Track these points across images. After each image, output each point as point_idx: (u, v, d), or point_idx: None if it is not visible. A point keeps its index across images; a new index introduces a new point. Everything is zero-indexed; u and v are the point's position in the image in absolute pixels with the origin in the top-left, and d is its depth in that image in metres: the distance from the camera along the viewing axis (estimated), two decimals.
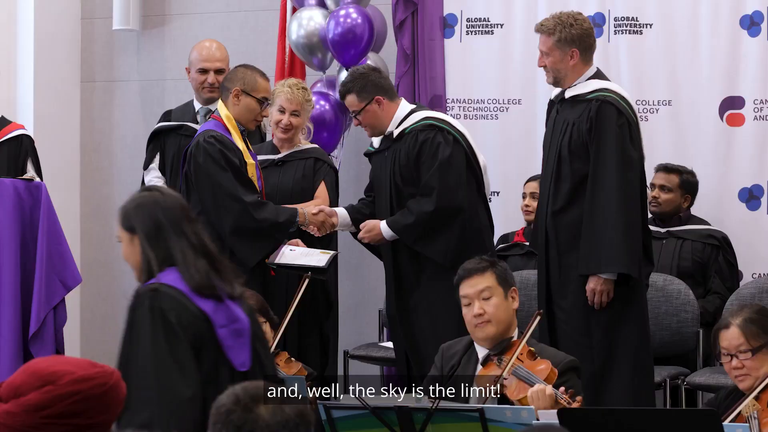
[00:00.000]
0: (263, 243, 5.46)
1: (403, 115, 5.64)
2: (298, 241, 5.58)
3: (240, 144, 5.50)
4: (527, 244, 6.31)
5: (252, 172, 5.51)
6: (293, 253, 5.48)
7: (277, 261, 5.45)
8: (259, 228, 5.44)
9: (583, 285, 5.26)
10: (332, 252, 5.56)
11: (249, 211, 5.42)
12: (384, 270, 5.79)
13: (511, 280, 4.51)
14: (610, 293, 5.23)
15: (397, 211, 5.58)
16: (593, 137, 5.25)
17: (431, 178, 5.50)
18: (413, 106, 5.73)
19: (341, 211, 5.73)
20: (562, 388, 4.07)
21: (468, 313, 4.43)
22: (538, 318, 4.40)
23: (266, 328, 4.76)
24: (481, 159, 5.70)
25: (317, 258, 5.46)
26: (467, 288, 4.45)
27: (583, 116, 5.29)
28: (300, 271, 5.45)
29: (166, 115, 6.46)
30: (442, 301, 5.44)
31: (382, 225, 5.57)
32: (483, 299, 4.40)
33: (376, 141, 5.79)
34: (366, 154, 5.88)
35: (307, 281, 4.86)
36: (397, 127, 5.61)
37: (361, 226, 5.65)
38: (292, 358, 4.77)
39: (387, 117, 5.62)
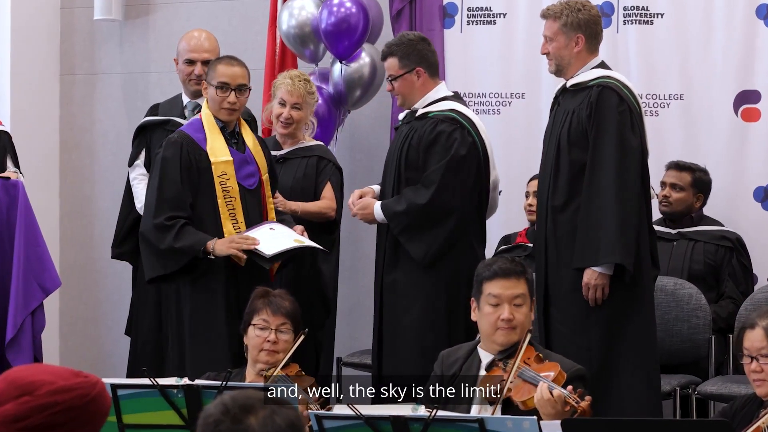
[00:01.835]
0: (161, 262, 5.39)
1: (435, 97, 5.68)
2: (301, 227, 5.53)
3: (214, 142, 5.42)
4: (531, 245, 6.33)
5: (223, 170, 5.39)
6: (268, 233, 5.36)
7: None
8: (159, 249, 5.37)
9: (580, 281, 5.26)
10: (308, 243, 5.40)
11: (154, 231, 5.36)
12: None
13: (534, 288, 4.56)
14: (605, 289, 5.22)
15: (396, 192, 5.63)
16: (592, 123, 5.26)
17: (435, 172, 5.53)
18: (449, 93, 5.77)
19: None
20: (570, 387, 4.10)
21: (493, 314, 4.43)
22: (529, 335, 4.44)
23: (289, 338, 4.77)
24: (494, 175, 5.71)
25: (277, 243, 5.31)
26: (500, 288, 4.44)
27: (584, 103, 5.31)
28: (249, 254, 5.33)
29: (153, 109, 6.47)
30: (424, 292, 5.49)
31: (376, 206, 5.62)
32: (515, 305, 4.43)
33: (402, 115, 5.85)
34: (396, 128, 5.93)
35: (303, 337, 4.81)
36: (423, 107, 5.66)
37: (358, 202, 5.66)
38: (303, 372, 4.75)
39: (421, 92, 5.68)
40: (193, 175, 5.37)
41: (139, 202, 6.30)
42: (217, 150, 5.41)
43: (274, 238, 5.35)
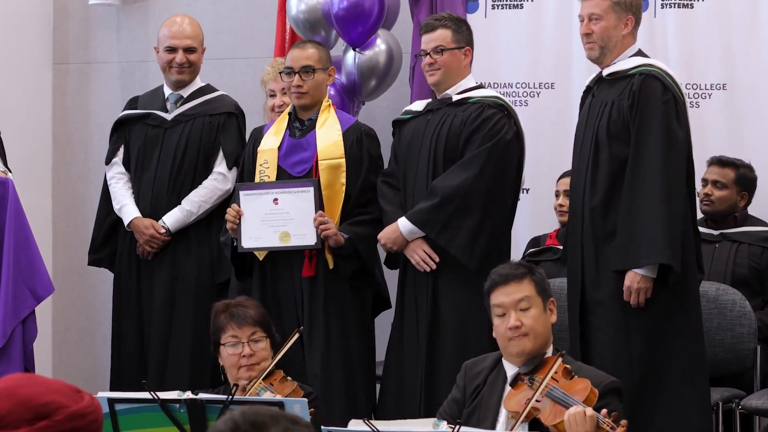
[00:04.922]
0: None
1: (468, 85, 5.73)
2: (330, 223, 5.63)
3: (272, 130, 5.75)
4: (561, 248, 6.31)
5: (265, 158, 5.70)
6: (266, 207, 5.61)
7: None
8: None
9: (621, 285, 5.23)
10: (293, 243, 5.61)
11: None
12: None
13: (549, 289, 4.54)
14: (648, 292, 5.19)
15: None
16: (635, 114, 5.23)
17: (481, 152, 5.53)
18: (480, 84, 5.83)
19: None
20: (604, 411, 4.07)
21: (501, 325, 4.44)
22: None
23: (265, 344, 4.77)
24: (523, 174, 5.71)
25: (260, 234, 5.64)
26: (502, 296, 4.45)
27: (625, 92, 5.28)
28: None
29: (132, 102, 6.48)
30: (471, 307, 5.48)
31: (400, 222, 5.58)
32: (520, 310, 4.42)
33: (417, 105, 5.83)
34: (397, 121, 5.89)
35: (297, 335, 4.86)
36: (458, 94, 5.69)
37: (381, 236, 5.63)
38: (288, 377, 4.76)
39: (461, 74, 5.73)
40: (250, 166, 5.83)
41: (117, 203, 6.28)
42: (268, 138, 5.77)
43: (264, 222, 5.62)
